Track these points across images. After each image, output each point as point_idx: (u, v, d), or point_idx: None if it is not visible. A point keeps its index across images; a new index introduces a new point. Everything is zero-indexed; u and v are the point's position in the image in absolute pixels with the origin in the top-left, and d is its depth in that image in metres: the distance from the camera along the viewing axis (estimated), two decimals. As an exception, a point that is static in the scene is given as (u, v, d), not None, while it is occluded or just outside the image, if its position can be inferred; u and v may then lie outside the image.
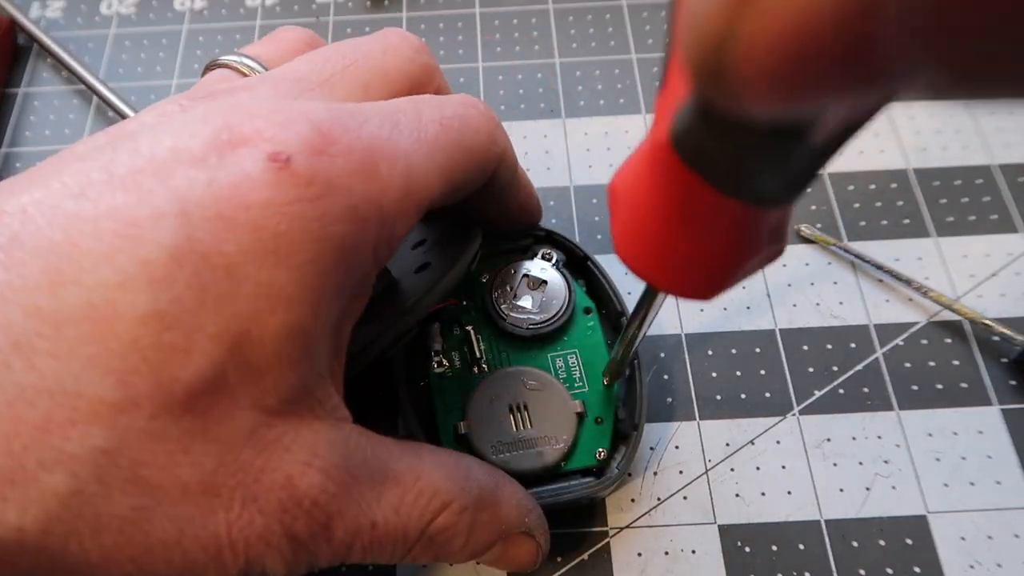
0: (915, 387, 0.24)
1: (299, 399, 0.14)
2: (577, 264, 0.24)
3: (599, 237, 0.28)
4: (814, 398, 0.24)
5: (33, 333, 0.12)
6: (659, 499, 0.23)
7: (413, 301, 0.19)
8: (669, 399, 0.24)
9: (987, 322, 0.24)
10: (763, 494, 0.23)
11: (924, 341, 0.25)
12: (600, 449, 0.21)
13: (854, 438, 0.24)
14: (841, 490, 0.23)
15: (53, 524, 0.12)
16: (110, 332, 0.12)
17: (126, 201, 0.13)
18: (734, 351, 0.25)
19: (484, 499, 0.17)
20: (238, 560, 0.13)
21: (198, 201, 0.13)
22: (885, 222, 0.28)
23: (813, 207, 0.28)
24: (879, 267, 0.26)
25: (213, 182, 0.13)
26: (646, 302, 0.17)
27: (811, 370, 0.25)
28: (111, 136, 0.14)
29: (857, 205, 0.28)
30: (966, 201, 0.28)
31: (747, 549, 0.22)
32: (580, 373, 0.22)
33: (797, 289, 0.26)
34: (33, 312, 0.12)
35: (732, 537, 0.22)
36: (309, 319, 0.14)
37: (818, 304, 0.26)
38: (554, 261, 0.24)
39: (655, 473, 0.23)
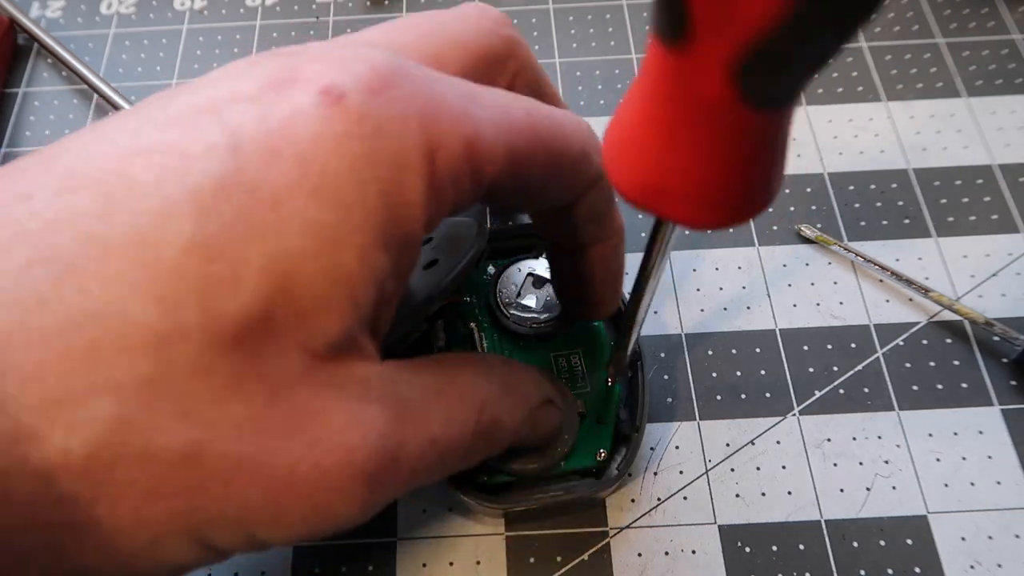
0: (915, 387, 0.24)
1: (344, 347, 0.14)
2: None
3: (599, 237, 0.28)
4: (814, 398, 0.24)
5: (84, 257, 0.12)
6: (659, 499, 0.23)
7: (422, 297, 0.19)
8: (669, 399, 0.24)
9: (988, 322, 0.24)
10: (763, 494, 0.23)
11: (924, 341, 0.25)
12: (601, 450, 0.21)
13: (854, 438, 0.24)
14: (841, 490, 0.23)
15: (100, 449, 0.11)
16: (156, 259, 0.12)
17: (179, 136, 0.13)
18: (734, 351, 0.25)
19: (507, 384, 0.18)
20: (307, 506, 0.13)
21: (249, 135, 0.12)
22: (885, 222, 0.28)
23: (813, 207, 0.28)
24: (879, 267, 0.26)
25: (265, 117, 0.13)
26: (654, 244, 0.16)
27: (811, 370, 0.25)
28: (175, 89, 0.14)
29: (857, 205, 0.28)
30: (966, 201, 0.28)
31: (747, 549, 0.22)
32: (582, 373, 0.22)
33: (797, 289, 0.26)
34: (84, 237, 0.12)
35: (732, 537, 0.22)
36: (354, 264, 0.13)
37: (818, 304, 0.26)
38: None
39: (655, 473, 0.23)
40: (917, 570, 0.22)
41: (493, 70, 0.18)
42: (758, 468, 0.23)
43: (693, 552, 0.22)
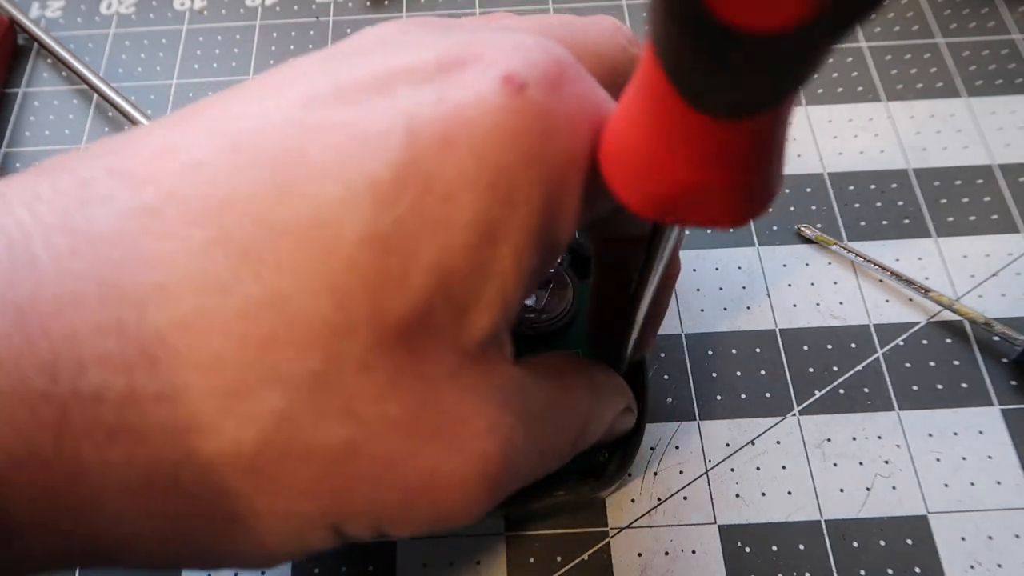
0: (915, 387, 0.24)
1: (490, 344, 0.13)
2: (582, 264, 0.24)
3: (599, 237, 0.28)
4: (814, 398, 0.24)
5: (260, 242, 0.11)
6: (659, 499, 0.23)
7: None
8: (669, 399, 0.24)
9: (987, 322, 0.24)
10: (763, 494, 0.23)
11: (924, 341, 0.25)
12: (601, 450, 0.21)
13: (854, 438, 0.24)
14: (841, 490, 0.23)
15: (266, 445, 0.11)
16: (332, 249, 0.11)
17: (354, 115, 0.12)
18: (734, 351, 0.25)
19: (604, 395, 0.18)
20: (434, 508, 0.13)
21: (426, 120, 0.12)
22: (885, 222, 0.28)
23: (813, 207, 0.28)
24: (879, 267, 0.26)
25: (442, 101, 0.12)
26: (655, 246, 0.15)
27: (811, 370, 0.25)
28: (328, 53, 0.14)
29: (857, 205, 0.28)
30: (966, 201, 0.28)
31: (747, 549, 0.22)
32: (580, 373, 0.22)
33: (797, 289, 0.26)
34: (260, 221, 0.11)
35: (732, 537, 0.22)
36: (509, 262, 0.13)
37: (818, 304, 0.26)
38: (559, 261, 0.24)
39: (655, 473, 0.23)
40: (917, 570, 0.22)
41: (615, 88, 0.18)
42: (758, 468, 0.23)
43: (693, 552, 0.22)
